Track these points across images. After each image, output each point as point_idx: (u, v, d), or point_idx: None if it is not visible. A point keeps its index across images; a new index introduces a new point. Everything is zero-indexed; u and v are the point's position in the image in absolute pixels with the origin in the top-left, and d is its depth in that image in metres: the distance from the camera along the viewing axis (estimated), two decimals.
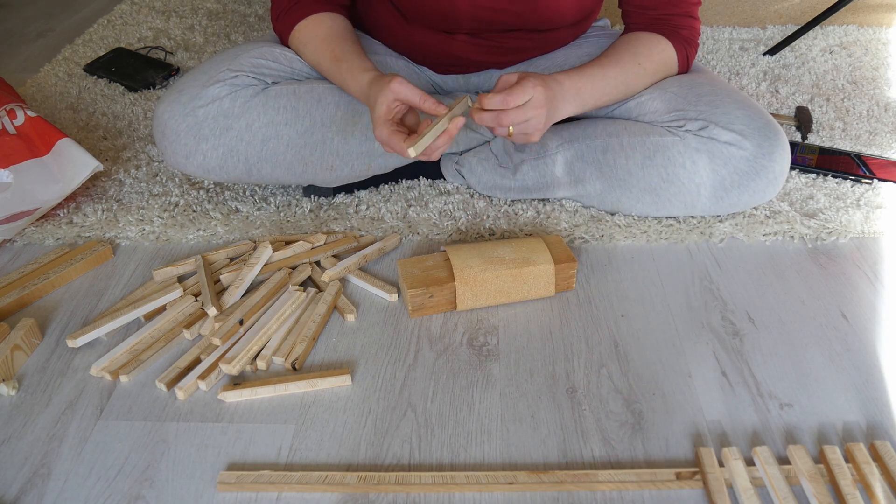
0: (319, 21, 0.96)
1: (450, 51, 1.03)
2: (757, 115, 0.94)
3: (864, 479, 0.67)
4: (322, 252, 0.97)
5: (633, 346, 0.83)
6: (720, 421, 0.74)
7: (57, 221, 1.06)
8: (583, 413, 0.75)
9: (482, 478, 0.68)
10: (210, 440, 0.74)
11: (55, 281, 0.94)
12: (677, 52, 0.98)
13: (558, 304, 0.90)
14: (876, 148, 1.17)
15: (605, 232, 1.00)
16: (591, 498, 0.67)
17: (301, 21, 0.96)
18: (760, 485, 0.67)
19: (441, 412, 0.76)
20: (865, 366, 0.80)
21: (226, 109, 0.94)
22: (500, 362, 0.82)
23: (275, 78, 0.98)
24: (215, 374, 0.80)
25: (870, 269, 0.94)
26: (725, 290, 0.91)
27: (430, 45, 1.04)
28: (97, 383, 0.81)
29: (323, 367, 0.82)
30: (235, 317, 0.85)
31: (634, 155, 0.95)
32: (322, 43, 0.95)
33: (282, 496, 0.68)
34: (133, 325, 0.88)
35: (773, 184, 0.95)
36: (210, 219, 1.05)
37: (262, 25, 1.71)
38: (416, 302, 0.86)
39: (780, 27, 1.61)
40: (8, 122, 1.05)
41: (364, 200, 1.08)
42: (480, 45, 1.02)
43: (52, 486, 0.70)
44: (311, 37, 0.96)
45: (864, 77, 1.39)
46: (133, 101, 1.38)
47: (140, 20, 1.75)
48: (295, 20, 0.97)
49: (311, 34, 0.96)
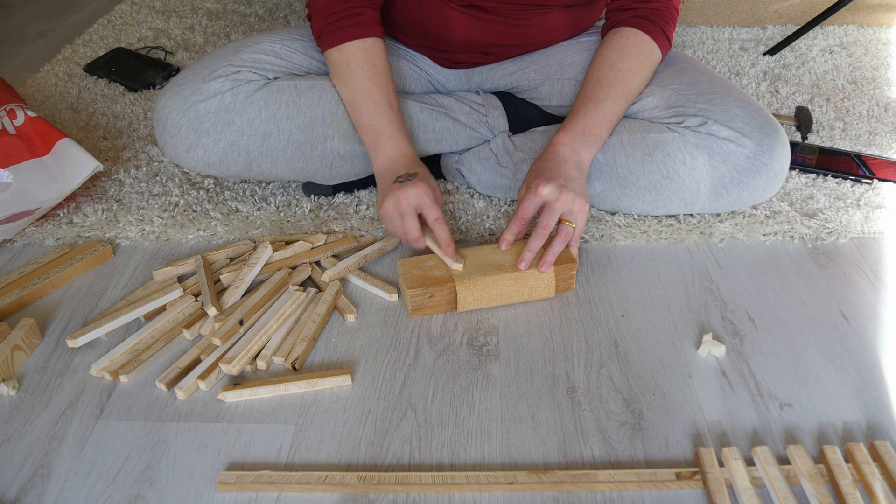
0: (374, 49, 0.94)
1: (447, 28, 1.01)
2: (757, 112, 0.93)
3: (864, 479, 0.67)
4: (322, 252, 0.97)
5: (633, 346, 0.83)
6: (720, 421, 0.74)
7: (57, 221, 1.06)
8: (583, 413, 0.75)
9: (482, 478, 0.68)
10: (210, 440, 0.74)
11: (55, 281, 0.94)
12: (651, 35, 0.97)
13: (558, 304, 0.90)
14: (876, 148, 1.17)
15: (605, 232, 1.00)
16: (591, 498, 0.67)
17: (356, 41, 0.93)
18: (760, 485, 0.67)
19: (441, 412, 0.76)
20: (865, 366, 0.80)
21: (227, 104, 0.94)
22: (500, 362, 0.82)
23: (276, 73, 0.98)
24: (215, 374, 0.80)
25: (870, 269, 0.94)
26: (725, 290, 0.91)
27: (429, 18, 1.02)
28: (97, 383, 0.81)
29: (323, 367, 0.82)
30: (235, 317, 0.85)
31: (634, 152, 0.95)
32: (375, 75, 0.93)
33: (282, 496, 0.68)
34: (133, 325, 0.88)
35: (773, 182, 0.95)
36: (210, 219, 1.05)
37: (262, 25, 1.71)
38: (416, 302, 0.86)
39: (780, 27, 1.61)
40: (8, 122, 1.05)
41: (364, 200, 1.08)
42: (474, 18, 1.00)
43: (52, 486, 0.70)
44: (362, 62, 0.93)
45: (864, 77, 1.39)
46: (133, 101, 1.38)
47: (140, 20, 1.75)
48: (349, 35, 0.93)
49: (365, 60, 0.93)
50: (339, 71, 0.95)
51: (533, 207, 0.87)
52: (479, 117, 1.08)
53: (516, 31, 1.03)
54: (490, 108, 1.08)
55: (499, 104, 1.09)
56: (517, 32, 1.03)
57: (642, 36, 0.97)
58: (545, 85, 1.08)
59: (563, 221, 0.87)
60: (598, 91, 0.95)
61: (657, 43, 0.98)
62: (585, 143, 0.92)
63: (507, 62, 1.10)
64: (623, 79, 0.95)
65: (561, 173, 0.88)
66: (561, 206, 0.86)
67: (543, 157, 0.92)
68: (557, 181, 0.86)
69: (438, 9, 0.99)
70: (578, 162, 0.91)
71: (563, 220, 0.87)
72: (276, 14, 1.77)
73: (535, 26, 1.03)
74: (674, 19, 1.00)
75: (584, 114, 0.94)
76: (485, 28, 1.01)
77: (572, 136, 0.92)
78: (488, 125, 1.08)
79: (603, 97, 0.94)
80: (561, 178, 0.87)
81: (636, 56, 0.97)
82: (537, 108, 1.11)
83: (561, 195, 0.86)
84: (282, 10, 1.79)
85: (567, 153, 0.91)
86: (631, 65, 0.96)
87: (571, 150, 0.91)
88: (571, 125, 0.93)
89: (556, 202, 0.86)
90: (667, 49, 1.00)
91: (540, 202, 0.87)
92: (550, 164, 0.89)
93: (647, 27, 0.97)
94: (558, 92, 1.07)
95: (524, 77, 1.09)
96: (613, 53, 0.97)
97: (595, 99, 0.94)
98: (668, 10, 0.98)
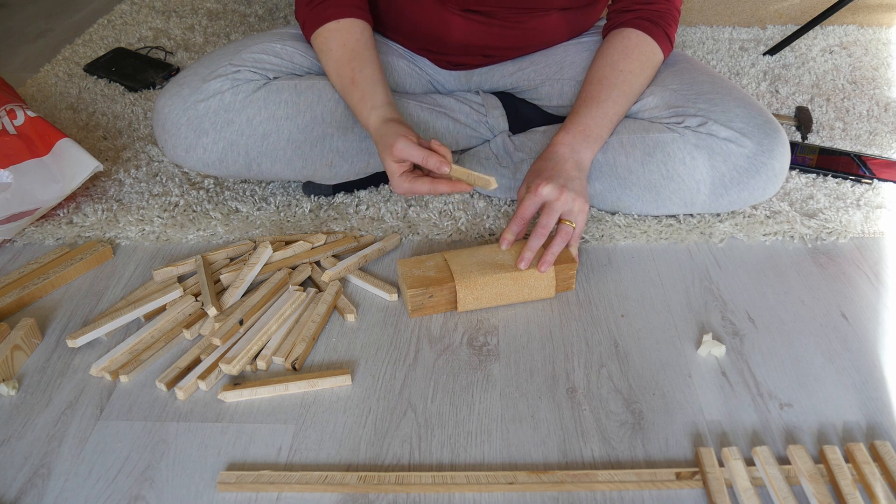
0: (348, 29, 0.94)
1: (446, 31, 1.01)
2: (757, 112, 0.93)
3: (864, 479, 0.67)
4: (322, 252, 0.97)
5: (633, 346, 0.83)
6: (720, 421, 0.74)
7: (57, 221, 1.06)
8: (583, 413, 0.75)
9: (482, 478, 0.68)
10: (210, 440, 0.74)
11: (55, 281, 0.94)
12: (653, 36, 0.97)
13: (558, 304, 0.90)
14: (876, 148, 1.17)
15: (605, 232, 1.00)
16: (591, 498, 0.67)
17: (330, 22, 0.94)
18: (760, 485, 0.67)
19: (441, 412, 0.76)
20: (865, 366, 0.80)
21: (227, 103, 0.94)
22: (500, 362, 0.82)
23: (276, 73, 0.98)
24: (215, 374, 0.80)
25: (870, 269, 0.94)
26: (725, 290, 0.91)
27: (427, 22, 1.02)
28: (97, 383, 0.81)
29: (323, 367, 0.82)
30: (235, 317, 0.85)
31: (634, 152, 0.95)
32: (344, 55, 0.93)
33: (282, 496, 0.68)
34: (133, 325, 0.88)
35: (773, 182, 0.95)
36: (210, 219, 1.05)
37: (262, 25, 1.71)
38: (416, 302, 0.86)
39: (780, 27, 1.61)
40: (8, 122, 1.05)
41: (364, 200, 1.08)
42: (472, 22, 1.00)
43: (52, 486, 0.70)
44: (337, 45, 0.94)
45: (864, 77, 1.39)
46: (133, 101, 1.38)
47: (140, 20, 1.75)
48: (324, 19, 0.94)
49: (338, 42, 0.93)
50: (322, 58, 0.96)
51: (533, 207, 0.87)
52: (478, 117, 1.08)
53: (515, 34, 1.03)
54: (490, 108, 1.08)
55: (499, 104, 1.09)
56: (515, 35, 1.03)
57: (644, 37, 0.97)
58: (545, 85, 1.08)
59: (562, 221, 0.87)
60: (599, 91, 0.95)
61: (659, 45, 0.98)
62: (586, 143, 0.92)
63: (507, 63, 1.10)
64: (625, 79, 0.95)
65: (561, 173, 0.88)
66: (561, 206, 0.86)
67: (544, 157, 0.92)
68: (558, 181, 0.86)
69: (437, 13, 0.99)
70: (579, 162, 0.91)
71: (562, 220, 0.87)
72: (276, 14, 1.77)
73: (534, 29, 1.03)
74: (675, 21, 1.00)
75: (585, 113, 0.94)
76: (483, 31, 1.01)
77: (573, 135, 0.92)
78: (488, 125, 1.08)
79: (604, 97, 0.94)
80: (561, 178, 0.87)
81: (638, 57, 0.97)
82: (537, 108, 1.11)
83: (561, 195, 0.86)
84: (282, 10, 1.79)
85: (567, 153, 0.91)
86: (633, 65, 0.96)
87: (572, 150, 0.91)
88: (572, 125, 0.93)
89: (556, 202, 0.86)
90: (668, 51, 1.00)
91: (540, 202, 0.87)
92: (551, 164, 0.89)
93: (649, 29, 0.97)
94: (558, 92, 1.07)
95: (524, 77, 1.09)
96: (615, 54, 0.97)
97: (596, 99, 0.94)
98: (669, 11, 0.98)
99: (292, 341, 0.84)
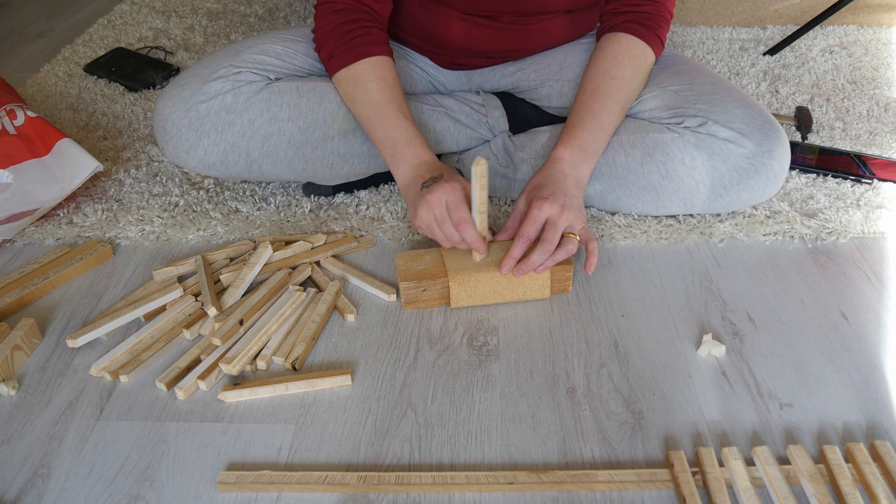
0: (386, 66, 0.93)
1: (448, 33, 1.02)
2: (757, 113, 0.93)
3: (864, 479, 0.67)
4: (322, 252, 0.97)
5: (633, 346, 0.83)
6: (720, 421, 0.74)
7: (57, 221, 1.06)
8: (583, 413, 0.75)
9: (482, 478, 0.68)
10: (210, 440, 0.74)
11: (55, 281, 0.94)
12: (645, 39, 0.97)
13: (558, 304, 0.90)
14: (876, 148, 1.17)
15: (605, 232, 1.00)
16: (591, 498, 0.67)
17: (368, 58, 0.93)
18: (760, 485, 0.67)
19: (441, 412, 0.76)
20: (865, 366, 0.80)
21: (228, 105, 0.94)
22: (500, 362, 0.82)
23: (277, 74, 0.98)
24: (215, 374, 0.80)
25: (870, 269, 0.94)
26: (725, 290, 0.91)
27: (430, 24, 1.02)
28: (97, 383, 0.81)
29: (323, 367, 0.82)
30: (235, 317, 0.85)
31: (634, 152, 0.95)
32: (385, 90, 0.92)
33: (282, 496, 0.68)
34: (133, 325, 0.88)
35: (773, 182, 0.95)
36: (210, 219, 1.05)
37: (262, 25, 1.71)
38: (409, 295, 0.87)
39: (780, 27, 1.61)
40: (8, 123, 1.05)
41: (364, 200, 1.08)
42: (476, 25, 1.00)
43: (52, 486, 0.70)
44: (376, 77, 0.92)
45: (864, 77, 1.39)
46: (133, 101, 1.38)
47: (140, 20, 1.75)
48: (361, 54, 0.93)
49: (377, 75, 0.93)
50: (349, 89, 0.94)
51: (537, 227, 0.86)
52: (479, 118, 1.08)
53: (518, 37, 1.03)
54: (490, 108, 1.08)
55: (499, 104, 1.09)
56: (519, 38, 1.03)
57: (636, 41, 0.97)
58: (545, 86, 1.08)
59: (566, 234, 0.87)
60: (593, 102, 0.95)
61: (651, 47, 0.98)
62: (584, 158, 0.92)
63: (508, 63, 1.10)
64: (618, 87, 0.95)
65: (563, 191, 0.88)
66: (563, 223, 0.86)
67: (544, 173, 0.91)
68: (559, 199, 0.86)
69: (442, 15, 0.99)
70: (578, 178, 0.91)
71: (566, 234, 0.87)
72: (276, 14, 1.77)
73: (537, 32, 1.03)
74: (667, 22, 1.00)
75: (582, 126, 0.93)
76: (487, 34, 1.01)
77: (572, 150, 0.92)
78: (488, 125, 1.08)
79: (598, 108, 0.94)
80: (562, 197, 0.87)
81: (630, 62, 0.97)
82: (537, 108, 1.11)
83: (563, 213, 0.86)
84: (282, 10, 1.79)
85: (568, 170, 0.91)
86: (625, 72, 0.96)
87: (572, 167, 0.91)
88: (570, 139, 0.93)
89: (559, 220, 0.86)
90: (660, 51, 1.00)
91: (543, 221, 0.86)
92: (552, 182, 0.89)
93: (640, 32, 0.97)
94: (558, 93, 1.07)
95: (524, 78, 1.09)
96: (608, 60, 0.97)
97: (591, 111, 0.94)
98: (661, 13, 0.98)
99: (292, 341, 0.84)
